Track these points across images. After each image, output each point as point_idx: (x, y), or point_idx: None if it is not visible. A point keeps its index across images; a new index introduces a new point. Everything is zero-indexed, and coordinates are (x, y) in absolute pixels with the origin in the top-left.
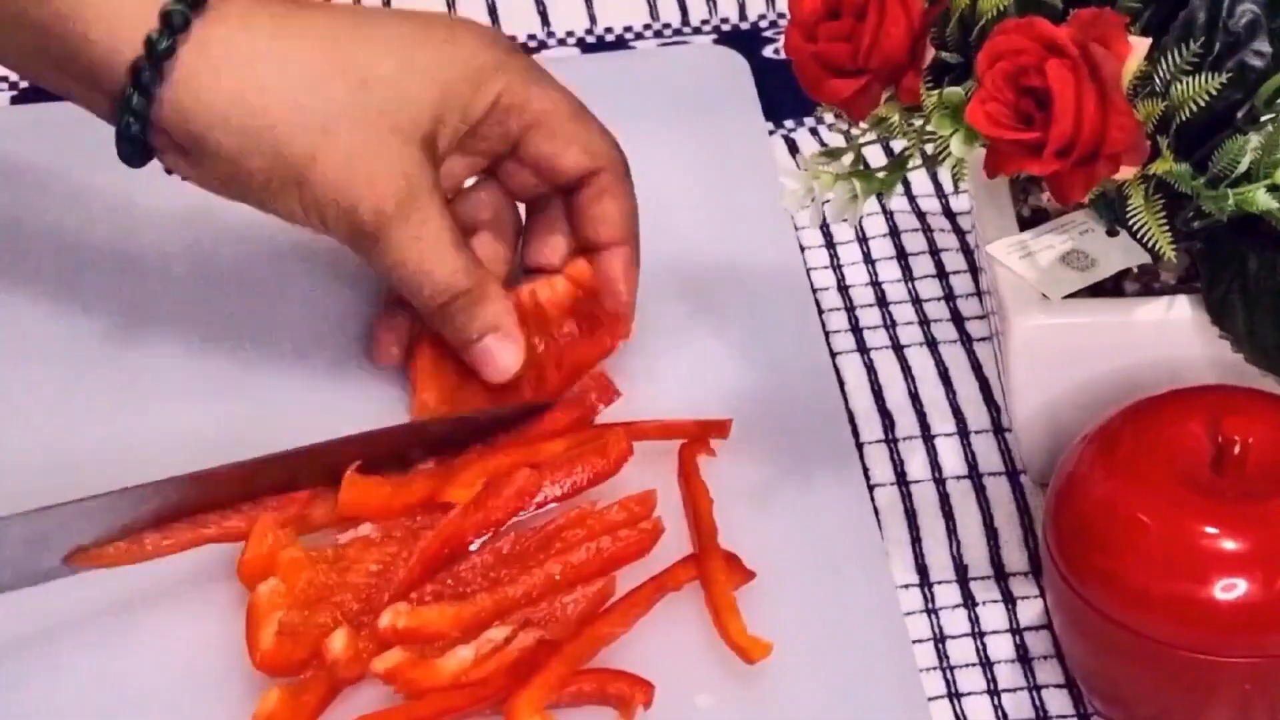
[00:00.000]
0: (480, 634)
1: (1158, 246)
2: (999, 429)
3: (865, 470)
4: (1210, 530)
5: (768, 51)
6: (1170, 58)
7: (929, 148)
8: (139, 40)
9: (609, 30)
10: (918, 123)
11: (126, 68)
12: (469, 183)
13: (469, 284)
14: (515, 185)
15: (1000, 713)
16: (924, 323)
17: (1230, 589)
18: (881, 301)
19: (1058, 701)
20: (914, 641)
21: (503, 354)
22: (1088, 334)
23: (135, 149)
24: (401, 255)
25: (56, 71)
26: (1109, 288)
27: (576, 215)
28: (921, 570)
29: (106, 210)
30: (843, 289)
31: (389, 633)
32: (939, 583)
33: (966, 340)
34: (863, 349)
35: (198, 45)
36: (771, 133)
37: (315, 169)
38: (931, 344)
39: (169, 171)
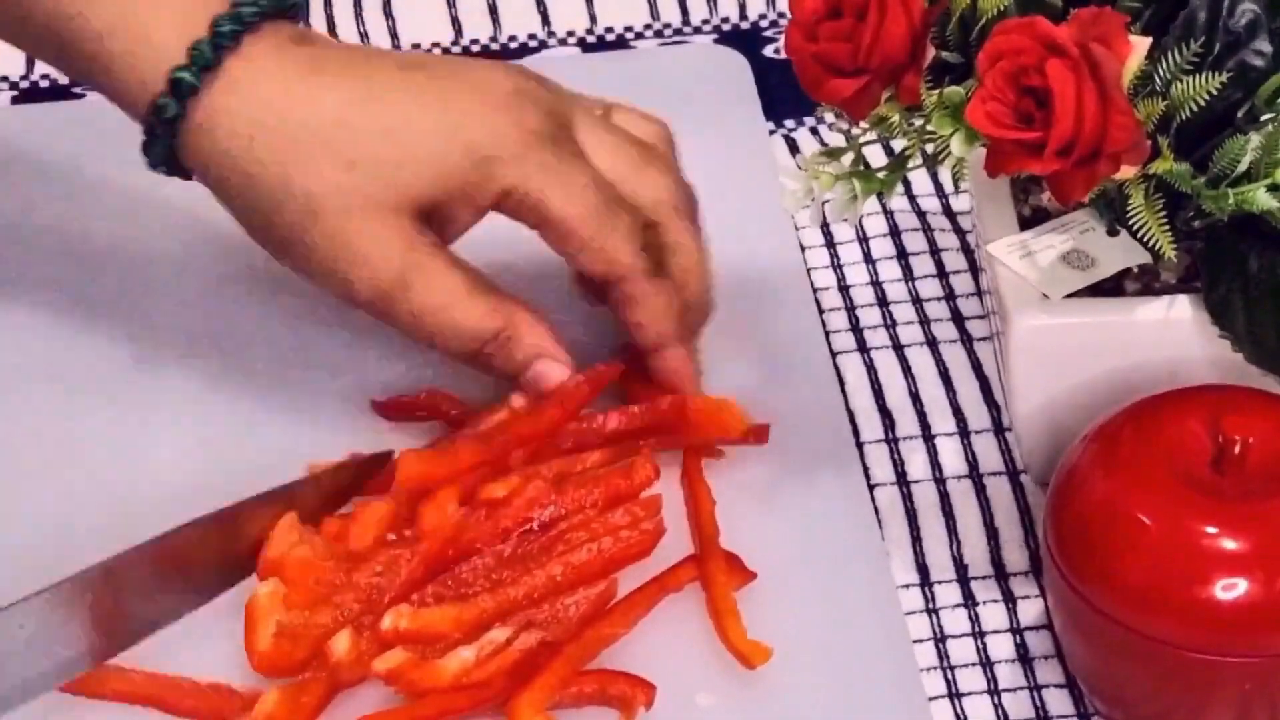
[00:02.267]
0: (482, 635)
1: (1158, 246)
2: (999, 429)
3: (865, 470)
4: (1210, 530)
5: (768, 51)
6: (1171, 57)
7: (929, 147)
8: (158, 85)
9: (609, 30)
10: (918, 122)
11: (147, 108)
12: None
13: (497, 326)
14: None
15: (1001, 712)
16: (924, 322)
17: (1230, 589)
18: (882, 301)
19: (1058, 701)
20: (914, 641)
21: (553, 375)
22: (1088, 334)
23: (169, 169)
24: (416, 319)
25: (83, 78)
26: (1109, 287)
27: (615, 312)
28: (922, 570)
29: (109, 210)
30: (843, 289)
31: (391, 634)
32: (939, 582)
33: (967, 340)
34: (863, 349)
35: (225, 88)
36: (772, 133)
37: (306, 245)
38: (932, 344)
39: None
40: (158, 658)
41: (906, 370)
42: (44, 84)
